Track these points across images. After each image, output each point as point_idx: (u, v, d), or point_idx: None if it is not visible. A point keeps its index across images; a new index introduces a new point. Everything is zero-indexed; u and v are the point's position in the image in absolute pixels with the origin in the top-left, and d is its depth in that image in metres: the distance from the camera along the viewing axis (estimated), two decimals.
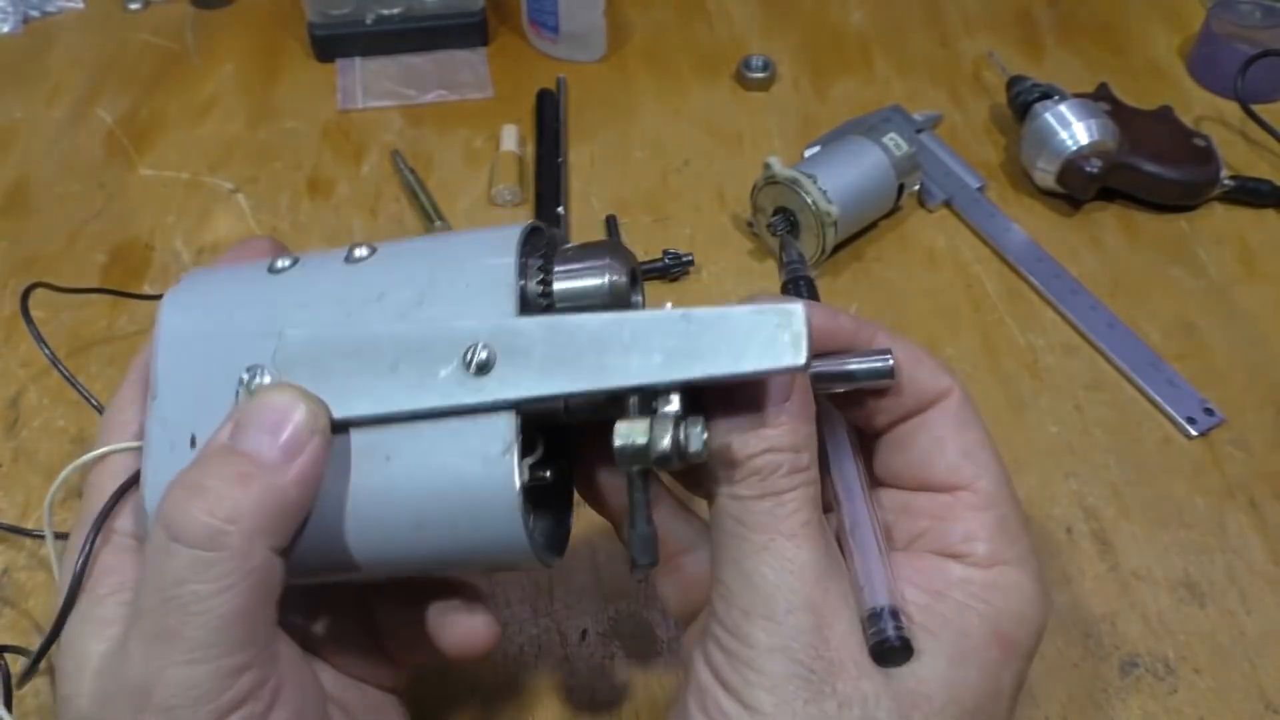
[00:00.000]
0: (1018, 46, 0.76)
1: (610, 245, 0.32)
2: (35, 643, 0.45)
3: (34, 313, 0.50)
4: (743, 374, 0.28)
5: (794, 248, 0.38)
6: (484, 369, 0.29)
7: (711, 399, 0.30)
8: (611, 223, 0.63)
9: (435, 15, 0.75)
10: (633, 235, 0.62)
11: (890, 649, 0.28)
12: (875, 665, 0.28)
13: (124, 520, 0.32)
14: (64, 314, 0.58)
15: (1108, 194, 0.63)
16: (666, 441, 0.27)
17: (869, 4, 0.80)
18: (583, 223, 0.63)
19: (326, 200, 0.66)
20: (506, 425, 0.29)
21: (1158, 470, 0.51)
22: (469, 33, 0.76)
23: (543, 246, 0.32)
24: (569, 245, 0.33)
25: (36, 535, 0.48)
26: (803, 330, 0.27)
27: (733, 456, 0.29)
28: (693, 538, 0.34)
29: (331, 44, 0.75)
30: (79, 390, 0.46)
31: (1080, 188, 0.62)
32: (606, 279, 0.31)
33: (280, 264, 0.32)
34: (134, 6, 0.81)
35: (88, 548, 0.31)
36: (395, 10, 0.75)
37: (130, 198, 0.66)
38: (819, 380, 0.31)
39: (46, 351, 0.47)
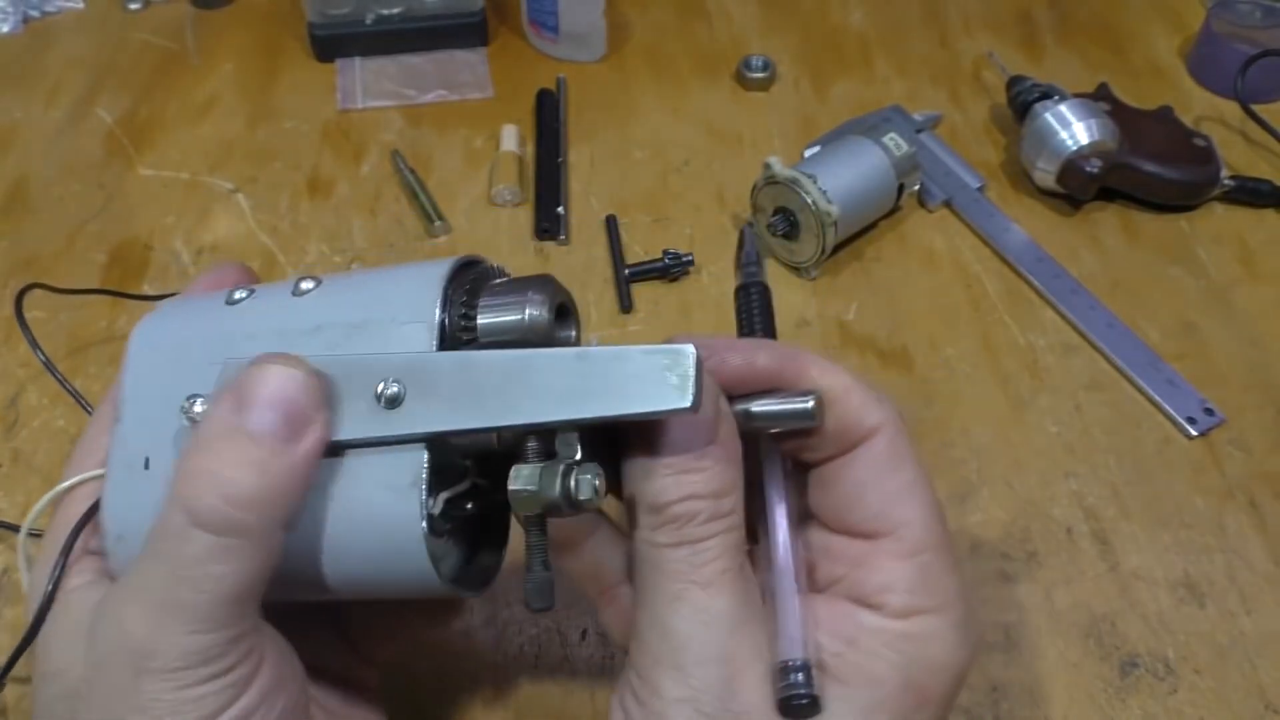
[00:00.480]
0: (1018, 46, 0.76)
1: (538, 281, 0.32)
2: None
3: (33, 313, 0.50)
4: (633, 414, 0.28)
5: (751, 245, 0.37)
6: (394, 403, 0.29)
7: (634, 438, 0.29)
8: (611, 223, 0.63)
9: (435, 15, 0.75)
10: (633, 235, 0.62)
11: (798, 705, 0.28)
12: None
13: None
14: (63, 314, 0.58)
15: (1108, 194, 0.63)
16: (555, 490, 0.27)
17: (869, 4, 0.80)
18: (583, 223, 0.63)
19: (326, 200, 0.66)
20: (415, 459, 0.29)
21: (1158, 470, 0.51)
22: (469, 33, 0.76)
23: (472, 278, 0.32)
24: (502, 280, 0.33)
25: (36, 535, 0.48)
26: (690, 373, 0.27)
27: (651, 502, 0.29)
28: (629, 567, 0.33)
29: (331, 44, 0.75)
30: (73, 395, 0.46)
31: (1080, 188, 0.62)
32: (525, 314, 0.31)
33: (237, 295, 0.34)
34: (134, 6, 0.81)
35: (57, 571, 0.32)
36: (395, 10, 0.75)
37: (130, 198, 0.66)
38: (744, 419, 0.31)
39: (40, 356, 0.47)
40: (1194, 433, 0.52)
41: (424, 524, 0.29)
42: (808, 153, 0.65)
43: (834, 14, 0.79)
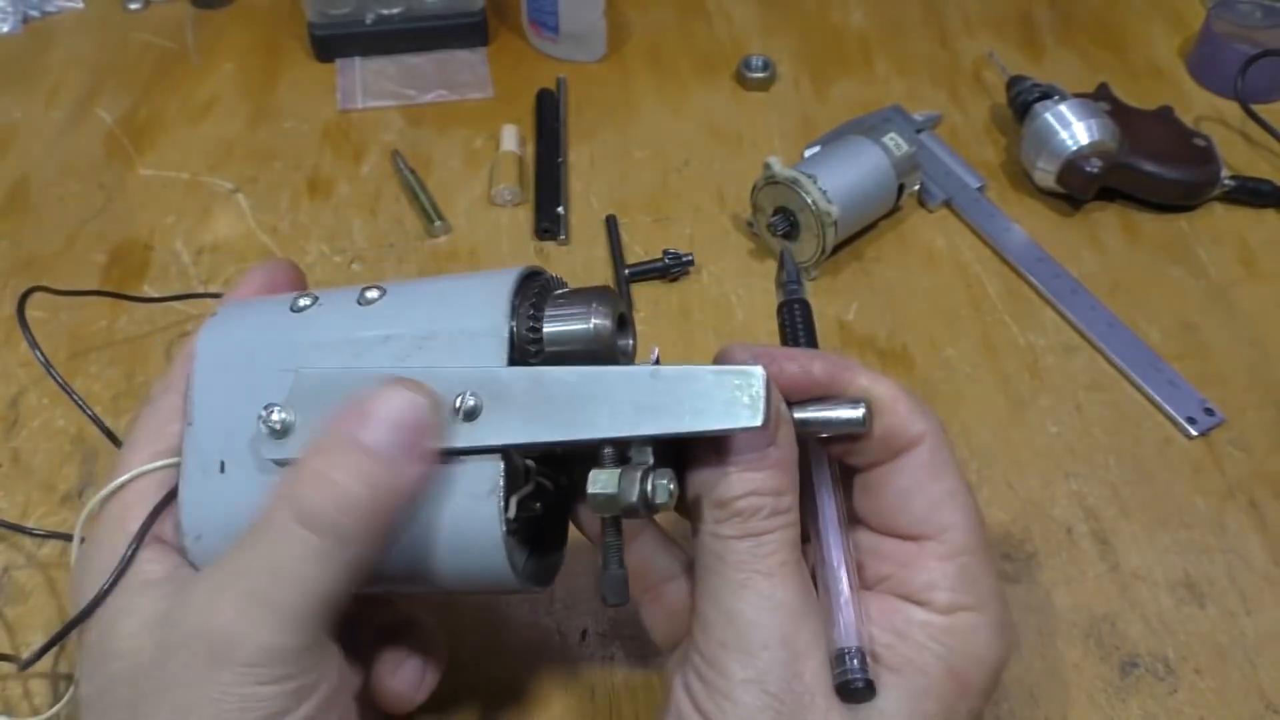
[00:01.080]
0: (1018, 46, 0.76)
1: (600, 292, 0.33)
2: (35, 641, 0.45)
3: (33, 313, 0.50)
4: (703, 432, 0.30)
5: (791, 265, 0.39)
6: (471, 415, 0.31)
7: (699, 442, 0.31)
8: (611, 223, 0.63)
9: (435, 15, 0.75)
10: (633, 235, 0.62)
11: (855, 689, 0.30)
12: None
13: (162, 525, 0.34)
14: (63, 314, 0.58)
15: (1108, 194, 0.63)
16: (634, 494, 0.29)
17: (869, 4, 0.80)
18: (583, 223, 0.63)
19: (326, 200, 0.66)
20: (493, 468, 0.31)
21: (1158, 470, 0.51)
22: (469, 33, 0.76)
23: (537, 289, 0.34)
24: (562, 291, 0.34)
25: (36, 534, 0.48)
26: (760, 393, 0.29)
27: (717, 498, 0.31)
28: (675, 568, 0.35)
29: (331, 44, 0.75)
30: (73, 398, 0.46)
31: (1080, 188, 0.62)
32: (592, 324, 0.32)
33: (302, 303, 0.35)
34: (134, 6, 0.81)
35: (130, 552, 0.33)
36: (395, 10, 0.75)
37: (130, 198, 0.66)
38: (798, 424, 0.32)
39: (40, 357, 0.47)
40: (1194, 433, 0.52)
41: (503, 528, 0.31)
42: (808, 153, 0.65)
43: (834, 14, 0.79)
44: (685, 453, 0.32)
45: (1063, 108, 0.62)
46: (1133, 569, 0.47)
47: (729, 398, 0.29)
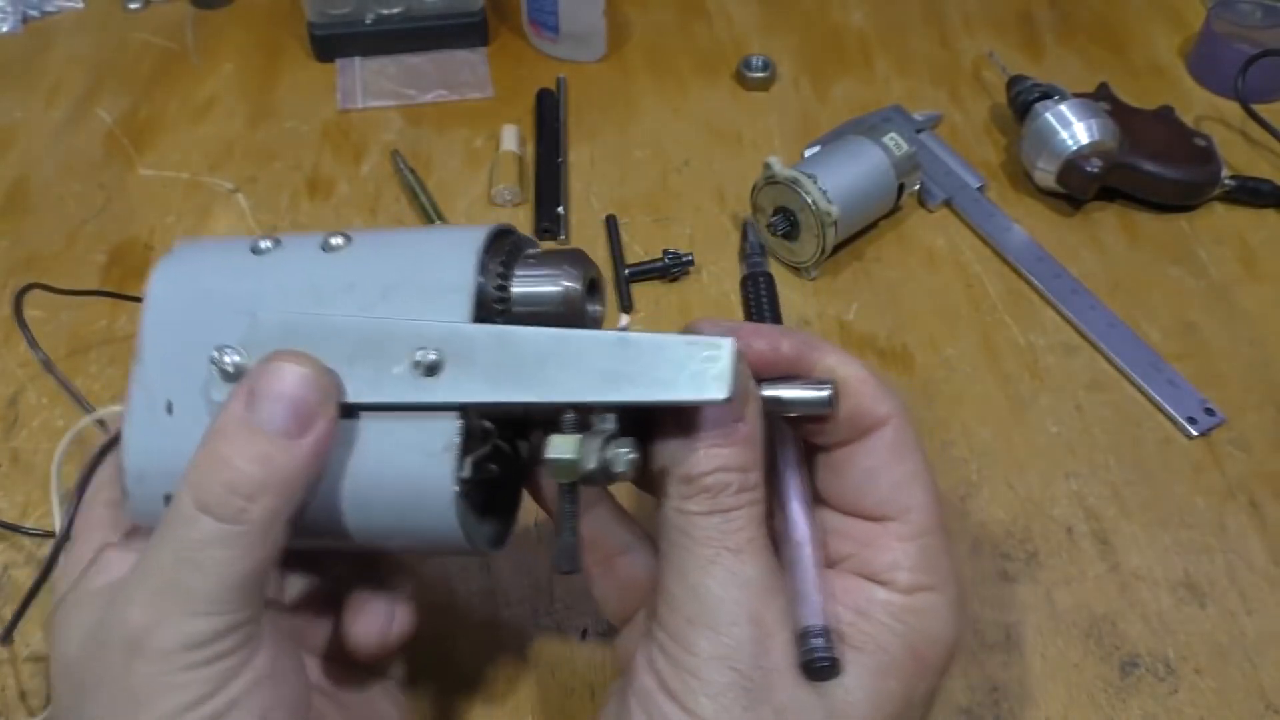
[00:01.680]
0: (1018, 46, 0.76)
1: (572, 254, 0.33)
2: (35, 640, 0.45)
3: (33, 313, 0.50)
4: (669, 401, 0.29)
5: (754, 237, 0.38)
6: (432, 371, 0.30)
7: (667, 414, 0.31)
8: (611, 223, 0.63)
9: (435, 15, 0.75)
10: (633, 235, 0.62)
11: (821, 667, 0.30)
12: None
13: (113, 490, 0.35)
14: (63, 314, 0.58)
15: (1108, 194, 0.63)
16: (593, 462, 0.29)
17: (869, 4, 0.80)
18: (583, 223, 0.63)
19: (326, 200, 0.66)
20: (449, 426, 0.30)
21: (1158, 470, 0.51)
22: (469, 32, 0.76)
23: (508, 247, 0.33)
24: (534, 251, 0.34)
25: (35, 534, 0.48)
26: (728, 366, 0.29)
27: (685, 473, 0.30)
28: (628, 540, 0.35)
29: (331, 44, 0.75)
30: (73, 395, 0.46)
31: (1080, 188, 0.62)
32: (562, 286, 0.32)
33: (263, 245, 0.34)
34: (134, 6, 0.81)
35: (72, 509, 0.34)
36: (395, 10, 0.74)
37: (130, 197, 0.66)
38: (764, 402, 0.32)
39: (39, 355, 0.47)
40: (1194, 433, 0.52)
41: (455, 488, 0.30)
42: (808, 153, 0.65)
43: (834, 14, 0.79)
44: (651, 424, 0.31)
45: (1063, 107, 0.62)
46: (1133, 569, 0.47)
47: (697, 369, 0.29)
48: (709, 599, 0.30)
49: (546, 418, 0.31)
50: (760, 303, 0.37)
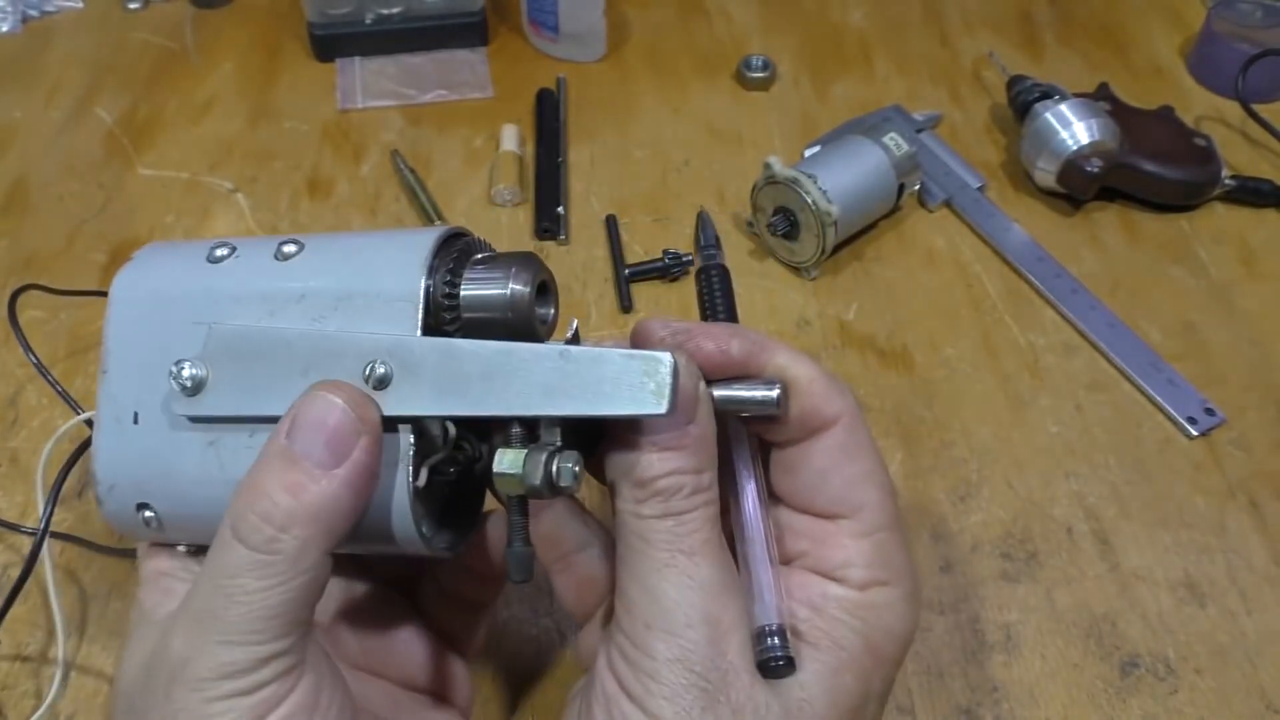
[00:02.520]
0: (1018, 46, 0.76)
1: (521, 258, 0.33)
2: (34, 640, 0.45)
3: (33, 313, 0.50)
4: (610, 415, 0.29)
5: (710, 229, 0.38)
6: (382, 384, 0.31)
7: (615, 421, 0.31)
8: (611, 223, 0.62)
9: (435, 15, 0.75)
10: (633, 235, 0.62)
11: (776, 665, 0.30)
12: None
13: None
14: (63, 314, 0.58)
15: (1108, 194, 0.63)
16: (538, 477, 0.29)
17: (869, 4, 0.80)
18: (582, 223, 0.63)
19: (326, 200, 0.66)
20: (403, 440, 0.31)
21: (1158, 470, 0.51)
22: (469, 32, 0.76)
23: (457, 251, 0.33)
24: (486, 254, 0.34)
25: (34, 534, 0.48)
26: (667, 380, 0.28)
27: (637, 478, 0.30)
28: (586, 537, 0.36)
29: (331, 44, 0.75)
30: (65, 399, 0.46)
31: (1080, 187, 0.62)
32: (509, 289, 0.32)
33: (219, 252, 0.34)
34: (133, 6, 0.81)
35: (49, 507, 0.35)
36: (395, 10, 0.74)
37: (129, 197, 0.66)
38: (715, 404, 0.32)
39: (32, 358, 0.47)
40: (1194, 433, 0.52)
41: (410, 496, 0.31)
42: (808, 152, 0.65)
43: (834, 14, 0.79)
44: (604, 429, 0.31)
45: (1063, 107, 0.62)
46: (1133, 569, 0.47)
47: (635, 383, 0.29)
48: (665, 602, 0.30)
49: (500, 425, 0.31)
50: (714, 297, 0.37)
